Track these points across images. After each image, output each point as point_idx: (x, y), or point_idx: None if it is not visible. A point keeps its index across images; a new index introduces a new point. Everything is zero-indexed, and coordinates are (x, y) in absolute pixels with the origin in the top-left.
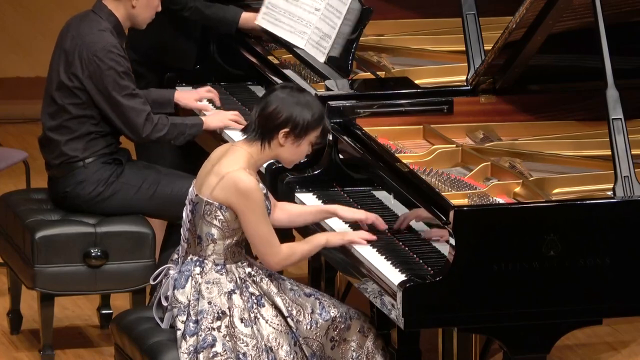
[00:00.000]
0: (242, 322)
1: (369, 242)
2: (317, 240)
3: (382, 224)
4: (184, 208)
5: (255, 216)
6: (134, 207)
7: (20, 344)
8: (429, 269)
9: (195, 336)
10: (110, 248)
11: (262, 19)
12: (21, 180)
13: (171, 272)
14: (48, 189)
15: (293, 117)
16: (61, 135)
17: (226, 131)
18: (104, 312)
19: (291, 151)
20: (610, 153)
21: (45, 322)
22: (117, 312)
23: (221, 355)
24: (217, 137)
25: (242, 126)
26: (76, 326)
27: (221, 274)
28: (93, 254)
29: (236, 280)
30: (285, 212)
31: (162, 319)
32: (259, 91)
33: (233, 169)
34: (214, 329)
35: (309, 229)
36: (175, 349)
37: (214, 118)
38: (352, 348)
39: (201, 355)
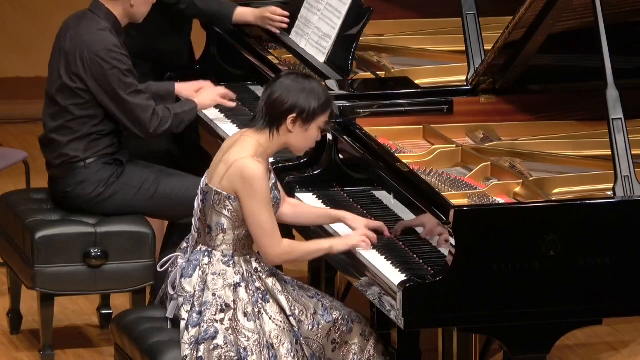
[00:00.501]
0: (245, 316)
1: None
2: (321, 245)
3: (387, 232)
4: (196, 197)
5: (257, 203)
6: (134, 207)
7: (20, 344)
8: (429, 269)
9: (197, 327)
10: (110, 248)
11: (294, 33)
12: (21, 180)
13: (179, 260)
14: (48, 189)
15: (300, 102)
16: (63, 136)
17: (217, 123)
18: (104, 312)
19: (300, 137)
20: (610, 153)
21: (45, 322)
22: (117, 312)
23: (222, 348)
24: (213, 133)
25: (233, 103)
26: (76, 326)
27: (228, 266)
28: (93, 254)
29: (243, 274)
30: (292, 207)
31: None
32: (259, 91)
33: (241, 156)
34: (216, 321)
35: (310, 230)
36: (176, 349)
37: (204, 97)
38: (354, 351)
39: (202, 347)
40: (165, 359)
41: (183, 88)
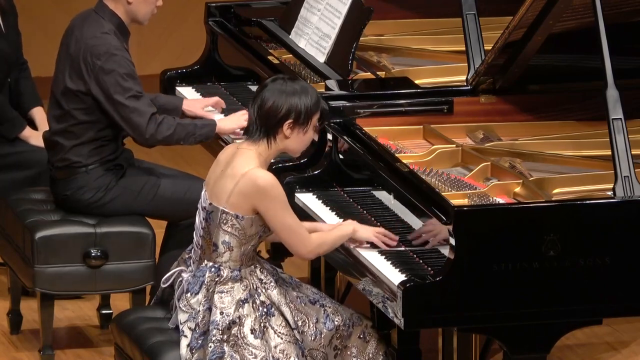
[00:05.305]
0: (252, 333)
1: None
2: (345, 229)
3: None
4: (197, 214)
5: (280, 210)
6: (134, 209)
7: (20, 344)
8: (429, 269)
9: (202, 349)
10: (110, 248)
11: (294, 33)
12: None
13: (184, 275)
14: (50, 186)
15: (294, 106)
16: (67, 140)
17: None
18: (104, 312)
19: (298, 140)
20: (610, 153)
21: (45, 322)
22: (117, 312)
23: None
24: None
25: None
26: (76, 326)
27: (235, 281)
28: (93, 254)
29: (249, 288)
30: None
31: (169, 319)
32: None
33: (249, 168)
34: (224, 341)
35: None
36: (176, 349)
37: (227, 121)
38: (353, 354)
39: None
40: (165, 359)
41: (189, 104)
